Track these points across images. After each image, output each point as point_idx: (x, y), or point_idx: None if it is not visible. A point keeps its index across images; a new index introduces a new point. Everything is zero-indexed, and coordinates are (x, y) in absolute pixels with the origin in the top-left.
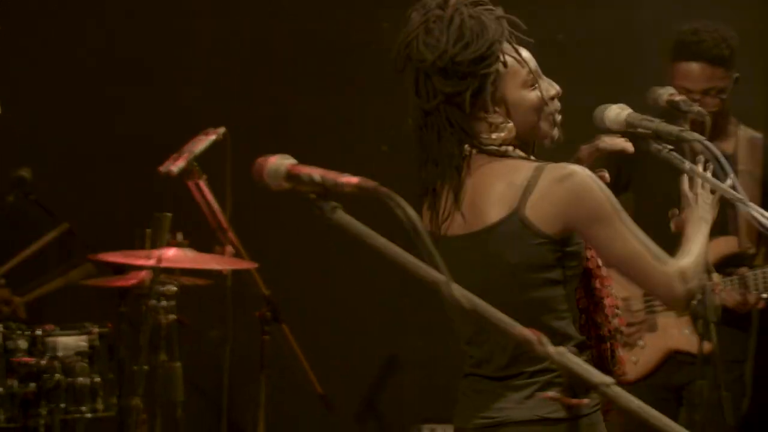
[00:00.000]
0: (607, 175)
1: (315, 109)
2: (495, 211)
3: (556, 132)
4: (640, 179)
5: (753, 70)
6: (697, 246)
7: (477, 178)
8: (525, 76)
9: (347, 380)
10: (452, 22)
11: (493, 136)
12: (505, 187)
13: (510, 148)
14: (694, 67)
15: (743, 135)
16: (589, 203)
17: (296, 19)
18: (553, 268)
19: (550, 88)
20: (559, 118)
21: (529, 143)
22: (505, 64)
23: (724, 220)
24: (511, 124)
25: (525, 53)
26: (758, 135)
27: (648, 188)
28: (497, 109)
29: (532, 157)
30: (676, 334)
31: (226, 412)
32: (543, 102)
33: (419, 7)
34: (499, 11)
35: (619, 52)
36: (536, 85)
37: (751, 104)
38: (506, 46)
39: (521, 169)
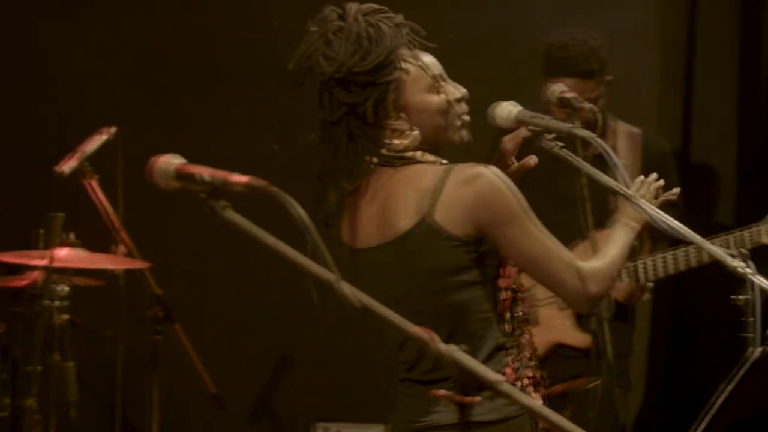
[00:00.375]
0: (533, 159)
1: (206, 108)
2: (405, 220)
3: (464, 134)
4: (530, 177)
5: (648, 62)
6: (614, 249)
7: (385, 187)
8: (428, 81)
9: (240, 379)
10: (350, 33)
11: (397, 142)
12: (413, 193)
13: (418, 153)
14: (565, 83)
15: (622, 130)
16: (497, 204)
17: (187, 17)
18: (470, 270)
19: (456, 91)
20: (466, 119)
21: (439, 147)
22: (406, 70)
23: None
24: (416, 131)
25: (428, 58)
26: (636, 130)
27: (539, 186)
28: (402, 115)
29: (443, 161)
30: (559, 327)
31: (119, 412)
32: (448, 105)
33: (319, 19)
34: (399, 18)
35: (512, 50)
36: (441, 89)
37: (646, 97)
38: (407, 53)
39: (428, 173)
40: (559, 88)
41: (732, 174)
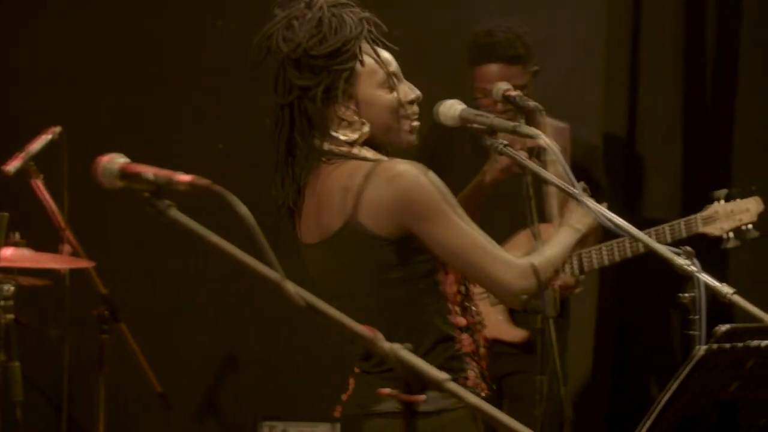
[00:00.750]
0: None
1: (151, 107)
2: (335, 220)
3: (411, 138)
4: (450, 175)
5: (594, 58)
6: (553, 248)
7: (323, 184)
8: (382, 77)
9: (186, 379)
10: (312, 18)
11: (344, 134)
12: (342, 193)
13: (355, 149)
14: (491, 68)
15: (549, 125)
16: (419, 202)
17: (131, 16)
18: (402, 267)
19: (410, 92)
20: (415, 124)
21: (385, 146)
22: (362, 62)
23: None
24: (367, 127)
25: (386, 55)
26: (563, 124)
27: (458, 183)
28: (351, 107)
29: (382, 157)
30: (492, 323)
31: (65, 412)
32: (399, 104)
33: (285, 4)
34: (365, 13)
35: (457, 48)
36: (395, 87)
37: (592, 92)
38: (367, 46)
39: (358, 172)
40: (504, 86)
41: (677, 169)
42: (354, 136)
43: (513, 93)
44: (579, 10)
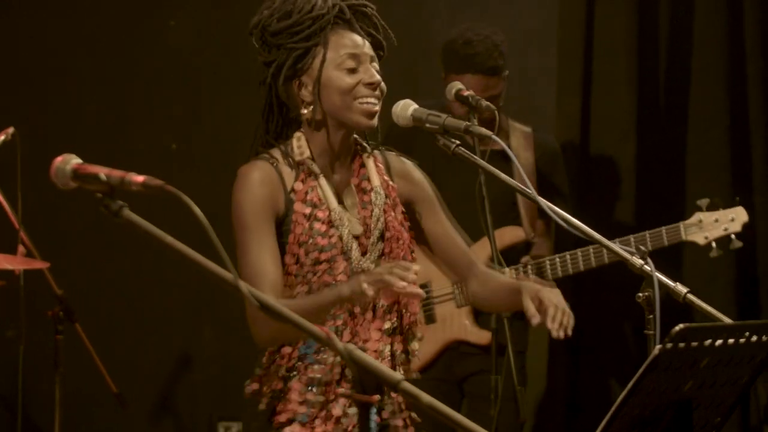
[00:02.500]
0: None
1: (104, 108)
2: None
3: (363, 119)
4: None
5: (547, 61)
6: (299, 303)
7: None
8: (342, 60)
9: (142, 379)
10: None
11: (304, 112)
12: None
13: (300, 134)
14: (470, 79)
15: (514, 129)
16: (232, 211)
17: (84, 16)
18: None
19: (368, 76)
20: (367, 105)
21: (345, 127)
22: (326, 44)
23: (510, 210)
24: (312, 108)
25: (355, 39)
26: (528, 129)
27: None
28: (309, 86)
29: (304, 149)
30: (457, 324)
31: (21, 412)
32: (352, 87)
33: None
34: (341, 2)
35: (410, 49)
36: (354, 71)
37: (545, 94)
38: (336, 29)
39: None
40: (456, 86)
41: (631, 171)
42: (306, 112)
43: (466, 93)
44: (531, 12)
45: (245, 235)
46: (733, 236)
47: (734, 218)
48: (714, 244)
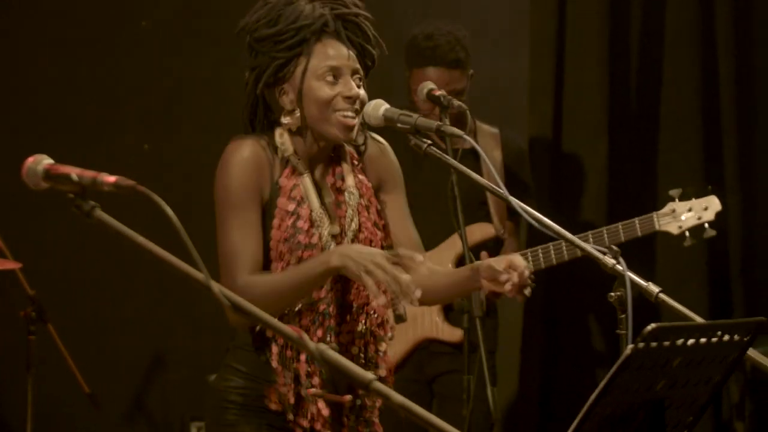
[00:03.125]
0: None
1: (76, 108)
2: None
3: (339, 132)
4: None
5: (519, 61)
6: (285, 275)
7: None
8: (323, 70)
9: (114, 379)
10: (270, 5)
11: (286, 119)
12: None
13: (281, 134)
14: (431, 72)
15: (481, 130)
16: (214, 187)
17: (55, 17)
18: None
19: (346, 89)
20: (344, 118)
21: (324, 139)
22: (309, 53)
23: (479, 208)
24: (296, 116)
25: (340, 50)
26: (495, 130)
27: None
28: (291, 95)
29: (287, 146)
30: (428, 322)
31: None
32: (330, 99)
33: None
34: (339, 9)
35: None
36: (334, 83)
37: (517, 95)
38: (323, 38)
39: None
40: (428, 86)
41: (603, 171)
42: (289, 120)
43: (437, 92)
44: (502, 11)
45: (228, 213)
46: (706, 225)
47: (707, 207)
48: (687, 234)
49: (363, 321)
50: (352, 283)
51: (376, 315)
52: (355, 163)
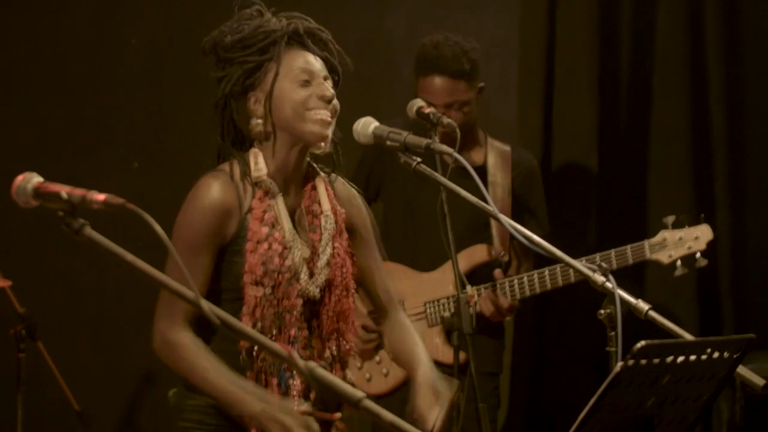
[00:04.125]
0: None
1: (66, 125)
2: None
3: (315, 129)
4: (388, 190)
5: (507, 78)
6: (212, 375)
7: None
8: (296, 73)
9: (105, 396)
10: (240, 15)
11: (254, 124)
12: None
13: (253, 151)
14: (435, 81)
15: (492, 147)
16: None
17: (44, 35)
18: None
19: (320, 90)
20: (320, 117)
21: (296, 142)
22: (279, 59)
23: (483, 229)
24: (263, 121)
25: (309, 58)
26: (506, 147)
27: (395, 198)
28: (261, 100)
29: (260, 163)
30: (427, 344)
31: None
32: (304, 99)
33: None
34: (306, 23)
35: (371, 63)
36: (307, 85)
37: (507, 109)
38: (290, 48)
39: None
40: (417, 103)
41: (593, 185)
42: (258, 127)
43: (427, 110)
44: (492, 24)
45: (182, 252)
46: (698, 255)
47: (699, 237)
48: (679, 263)
49: (332, 347)
50: (322, 308)
51: (344, 342)
52: (329, 189)
